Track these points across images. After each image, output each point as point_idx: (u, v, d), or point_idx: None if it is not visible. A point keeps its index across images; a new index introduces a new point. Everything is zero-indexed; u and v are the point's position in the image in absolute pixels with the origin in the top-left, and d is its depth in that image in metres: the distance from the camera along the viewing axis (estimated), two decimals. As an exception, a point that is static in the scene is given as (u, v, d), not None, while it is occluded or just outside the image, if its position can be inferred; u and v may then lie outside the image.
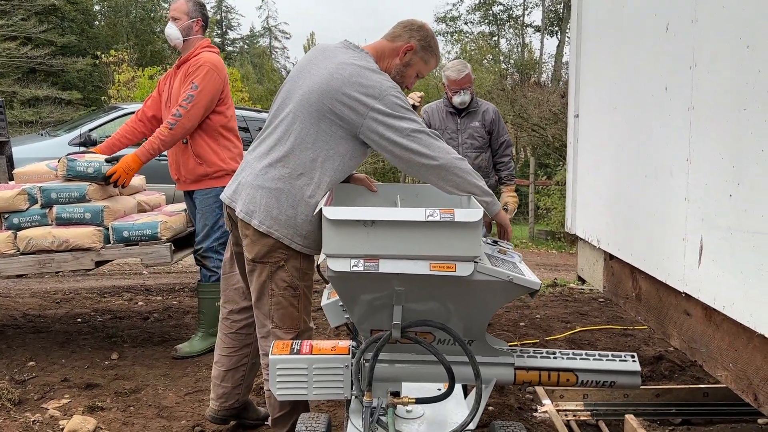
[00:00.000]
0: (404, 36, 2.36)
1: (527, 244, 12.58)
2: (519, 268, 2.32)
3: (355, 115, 2.18)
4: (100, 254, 3.55)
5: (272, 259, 2.30)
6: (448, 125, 4.58)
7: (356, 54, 2.28)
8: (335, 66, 2.21)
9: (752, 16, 1.81)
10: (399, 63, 2.36)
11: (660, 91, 2.41)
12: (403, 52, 2.35)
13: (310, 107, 2.21)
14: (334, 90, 2.17)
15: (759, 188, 1.78)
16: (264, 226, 2.25)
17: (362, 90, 2.16)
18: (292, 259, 2.31)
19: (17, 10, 21.60)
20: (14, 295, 5.40)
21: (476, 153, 4.56)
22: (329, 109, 2.18)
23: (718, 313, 2.04)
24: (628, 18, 2.77)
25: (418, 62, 2.39)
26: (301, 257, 2.33)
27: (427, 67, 2.43)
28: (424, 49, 2.38)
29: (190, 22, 3.78)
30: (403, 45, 2.35)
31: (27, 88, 21.65)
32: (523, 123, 13.96)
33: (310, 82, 2.23)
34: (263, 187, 2.26)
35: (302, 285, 2.37)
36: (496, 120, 4.63)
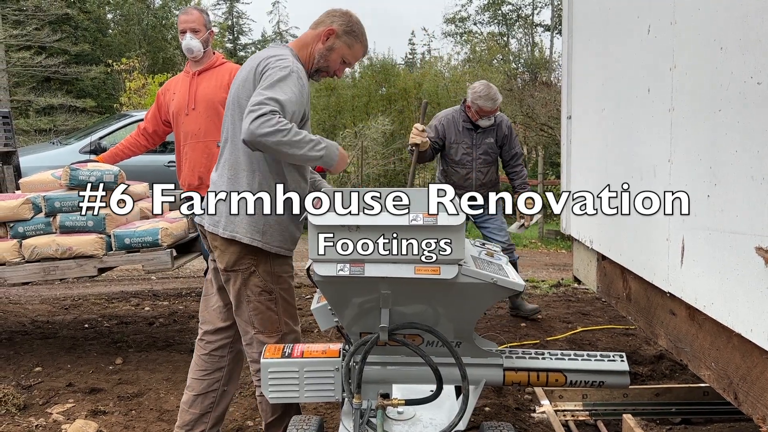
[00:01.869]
0: (326, 21, 2.40)
1: (536, 244, 12.55)
2: (504, 270, 2.35)
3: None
4: (102, 261, 3.62)
5: (242, 266, 2.34)
6: (464, 139, 4.63)
7: (273, 49, 2.35)
8: (251, 65, 2.32)
9: (725, 18, 1.83)
10: (322, 47, 2.38)
11: (643, 93, 2.43)
12: (325, 36, 2.38)
13: (234, 107, 2.34)
14: (246, 81, 2.30)
15: (734, 189, 1.80)
16: (228, 231, 2.31)
17: (262, 68, 2.25)
18: (263, 264, 2.36)
19: (31, 19, 21.87)
20: (24, 302, 5.50)
21: (488, 168, 4.68)
22: (245, 101, 2.26)
23: (700, 312, 2.05)
24: (613, 21, 2.79)
25: (342, 47, 2.40)
26: (271, 260, 2.37)
27: (351, 52, 2.43)
28: (346, 33, 2.40)
29: (207, 34, 3.88)
30: (324, 29, 2.38)
31: (42, 97, 21.89)
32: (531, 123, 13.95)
33: (234, 86, 2.38)
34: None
35: (277, 288, 2.41)
36: (509, 135, 4.72)
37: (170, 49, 27.05)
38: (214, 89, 3.77)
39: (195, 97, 3.80)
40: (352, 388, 2.34)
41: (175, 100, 3.87)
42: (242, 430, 3.00)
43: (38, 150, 8.59)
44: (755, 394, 1.77)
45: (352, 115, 19.98)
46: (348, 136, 17.25)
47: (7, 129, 4.74)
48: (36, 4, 21.79)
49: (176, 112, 3.85)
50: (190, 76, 3.85)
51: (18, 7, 21.89)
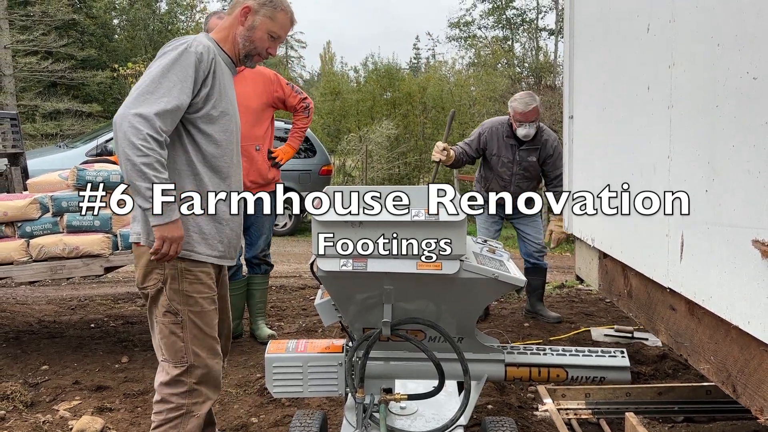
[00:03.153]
0: (238, 1, 2.26)
1: (542, 247, 12.53)
2: (506, 266, 2.37)
3: None
4: (108, 260, 3.67)
5: (150, 282, 2.18)
6: (505, 154, 4.58)
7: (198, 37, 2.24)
8: None
9: (721, 16, 1.86)
10: (242, 29, 2.25)
11: (643, 91, 2.45)
12: (242, 17, 2.24)
13: None
14: None
15: (731, 183, 1.82)
16: (133, 235, 2.24)
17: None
18: (171, 281, 2.16)
19: (38, 25, 22.03)
20: (31, 302, 5.55)
21: (527, 183, 4.67)
22: None
23: (699, 307, 2.07)
24: (614, 20, 2.82)
25: (264, 22, 2.25)
26: (182, 278, 2.17)
27: (276, 23, 2.27)
28: (263, 5, 2.24)
29: None
30: (239, 10, 2.24)
31: (48, 102, 22.04)
32: (535, 126, 13.96)
33: None
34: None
35: (186, 310, 2.18)
36: (553, 155, 4.62)
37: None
38: (251, 94, 3.86)
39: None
40: (355, 382, 2.37)
41: None
42: (246, 427, 3.03)
43: (45, 153, 8.68)
44: (753, 385, 1.79)
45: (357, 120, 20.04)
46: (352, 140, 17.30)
47: (15, 131, 4.80)
48: (43, 9, 21.95)
49: None
50: None
51: (25, 12, 22.05)
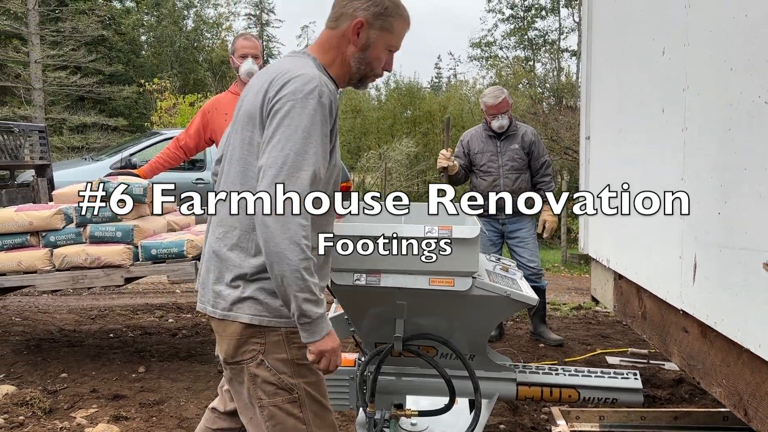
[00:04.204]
0: (347, 12, 1.76)
1: (560, 269, 12.47)
2: (518, 284, 2.39)
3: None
4: (129, 271, 3.74)
5: (246, 356, 1.66)
6: (488, 148, 4.72)
7: (289, 60, 1.77)
8: (263, 82, 1.71)
9: (734, 39, 1.88)
10: (356, 50, 1.77)
11: (658, 113, 2.47)
12: (354, 34, 1.75)
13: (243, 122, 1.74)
14: (254, 106, 1.70)
15: (743, 206, 1.83)
16: (219, 308, 1.67)
17: (273, 99, 1.63)
18: (272, 348, 1.66)
19: (68, 41, 22.59)
20: (52, 311, 5.65)
21: (516, 174, 4.69)
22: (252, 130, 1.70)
23: (711, 329, 2.07)
24: (630, 44, 2.84)
25: (381, 36, 1.78)
26: (284, 340, 1.67)
27: (394, 34, 1.81)
28: (379, 16, 1.76)
29: (263, 62, 4.02)
30: (349, 25, 1.75)
31: (75, 115, 22.52)
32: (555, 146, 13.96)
33: (247, 97, 1.76)
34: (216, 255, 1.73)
35: (300, 383, 1.68)
36: (536, 141, 4.76)
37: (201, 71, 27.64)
38: None
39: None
40: (366, 397, 2.39)
41: (227, 120, 3.96)
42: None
43: (71, 165, 8.86)
44: (764, 409, 1.78)
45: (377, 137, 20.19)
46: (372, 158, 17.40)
47: (43, 143, 4.92)
48: (73, 25, 22.52)
49: (199, 138, 3.95)
50: None
51: (56, 28, 22.64)
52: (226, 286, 1.68)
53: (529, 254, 4.74)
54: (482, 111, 4.87)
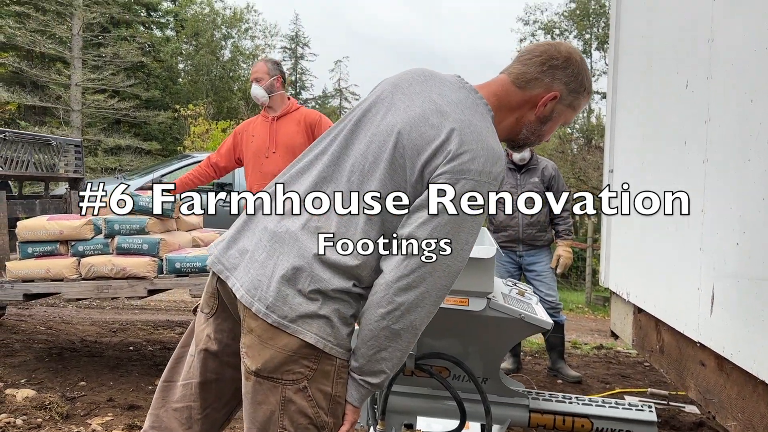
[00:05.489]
0: (543, 80, 1.56)
1: (583, 310, 12.29)
2: (534, 308, 2.39)
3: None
4: (153, 283, 3.80)
5: (289, 375, 1.41)
6: (508, 180, 4.69)
7: (463, 108, 1.48)
8: (422, 113, 1.47)
9: (754, 71, 1.91)
10: (534, 120, 1.59)
11: (680, 145, 2.48)
12: (543, 104, 1.57)
13: (382, 141, 1.48)
14: (410, 139, 1.46)
15: (761, 236, 1.83)
16: (276, 314, 1.40)
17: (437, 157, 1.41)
18: (320, 377, 1.43)
19: (108, 65, 23.33)
20: (75, 323, 5.75)
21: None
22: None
23: (728, 362, 2.05)
24: (656, 77, 2.88)
25: (564, 112, 1.61)
26: (337, 377, 1.45)
27: (575, 112, 1.65)
28: (573, 92, 1.58)
29: (272, 80, 4.12)
30: (541, 94, 1.56)
31: (111, 137, 23.12)
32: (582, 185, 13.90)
33: (398, 115, 1.49)
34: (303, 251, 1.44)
35: (331, 422, 1.46)
36: (556, 176, 4.72)
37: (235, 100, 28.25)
38: (293, 134, 4.03)
39: (276, 141, 4.04)
40: (377, 414, 2.39)
41: (254, 142, 4.08)
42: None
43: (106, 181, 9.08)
44: (779, 443, 1.75)
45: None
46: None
47: (78, 158, 5.08)
48: (114, 51, 23.27)
49: (255, 154, 4.06)
50: (269, 120, 4.08)
51: (98, 53, 23.42)
52: (299, 293, 1.40)
53: (546, 288, 4.71)
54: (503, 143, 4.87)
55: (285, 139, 4.03)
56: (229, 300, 1.54)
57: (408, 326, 1.41)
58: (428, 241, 1.39)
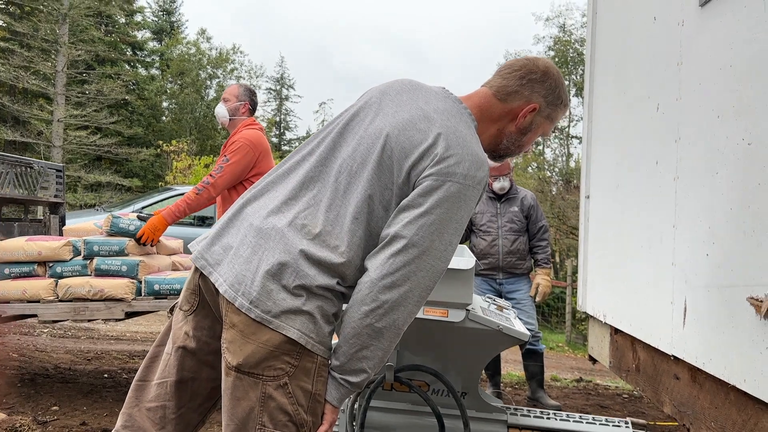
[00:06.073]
0: (523, 93, 1.63)
1: (563, 348, 12.29)
2: (512, 321, 2.42)
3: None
4: (131, 305, 3.77)
5: (270, 371, 1.41)
6: (488, 209, 4.79)
7: (449, 116, 1.54)
8: (411, 123, 1.51)
9: (721, 89, 2.00)
10: (515, 131, 1.65)
11: (652, 165, 2.57)
12: (523, 116, 1.63)
13: (372, 149, 1.52)
14: (399, 149, 1.51)
15: (729, 245, 1.90)
16: (260, 308, 1.40)
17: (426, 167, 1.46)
18: (301, 374, 1.43)
19: (92, 102, 23.38)
20: (50, 351, 5.64)
21: (515, 236, 4.75)
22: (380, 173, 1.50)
23: (701, 372, 2.08)
24: (628, 103, 2.98)
25: (543, 123, 1.67)
26: (317, 375, 1.45)
27: (552, 124, 1.72)
28: (551, 104, 1.66)
29: (238, 104, 4.14)
30: (522, 106, 1.63)
31: (91, 174, 23.00)
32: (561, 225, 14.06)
33: (389, 123, 1.54)
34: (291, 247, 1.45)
35: (310, 421, 1.45)
36: (535, 206, 4.82)
37: (218, 138, 28.35)
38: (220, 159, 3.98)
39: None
40: (356, 429, 2.38)
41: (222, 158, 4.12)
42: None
43: (83, 215, 9.01)
44: (751, 447, 1.78)
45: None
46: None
47: (59, 182, 5.06)
48: (99, 88, 23.36)
49: None
50: (223, 147, 4.08)
51: (82, 90, 23.49)
52: (284, 289, 1.41)
53: (526, 316, 4.74)
54: None
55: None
56: (210, 296, 1.54)
57: (390, 325, 1.43)
58: (414, 240, 1.42)
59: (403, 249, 1.42)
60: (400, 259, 1.42)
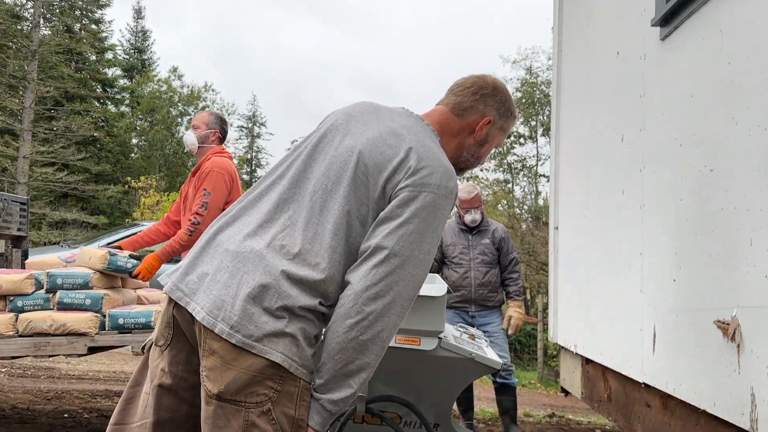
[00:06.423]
0: (477, 107, 1.72)
1: (536, 385, 12.26)
2: (484, 350, 2.41)
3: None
4: (93, 340, 3.66)
5: (252, 397, 1.38)
6: (460, 241, 4.80)
7: (417, 132, 1.61)
8: (383, 145, 1.55)
9: (682, 118, 2.06)
10: (473, 143, 1.74)
11: (619, 195, 2.61)
12: (480, 128, 1.72)
13: (339, 170, 1.55)
14: (371, 165, 1.54)
15: (695, 269, 1.93)
16: (241, 333, 1.37)
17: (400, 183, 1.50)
18: (284, 399, 1.40)
19: (59, 138, 23.11)
20: (7, 390, 5.42)
21: (487, 268, 4.75)
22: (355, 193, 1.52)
23: (671, 398, 2.09)
24: (594, 136, 3.05)
25: (497, 135, 1.77)
26: (300, 400, 1.42)
27: (505, 134, 1.82)
28: (503, 116, 1.76)
29: (208, 132, 4.09)
30: (477, 120, 1.72)
31: (57, 211, 22.59)
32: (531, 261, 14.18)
33: (358, 140, 1.57)
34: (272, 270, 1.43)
35: None
36: (506, 238, 4.84)
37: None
38: (193, 191, 3.87)
39: (186, 196, 3.94)
40: (326, 463, 2.32)
41: (184, 194, 4.04)
42: None
43: (48, 251, 8.81)
44: (722, 471, 1.78)
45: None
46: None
47: (23, 215, 4.95)
48: (66, 125, 23.12)
49: (180, 207, 4.00)
50: (191, 174, 4.01)
51: (49, 126, 23.22)
52: (265, 311, 1.39)
53: (498, 349, 4.72)
54: (456, 205, 5.02)
55: (190, 196, 3.89)
56: (186, 326, 1.49)
57: (375, 337, 1.41)
58: (395, 250, 1.43)
59: (385, 259, 1.43)
60: (382, 270, 1.42)
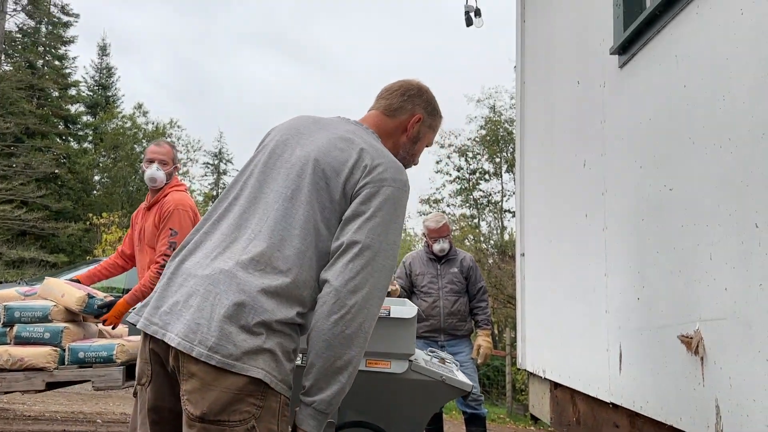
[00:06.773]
0: (406, 107, 1.85)
1: (504, 420, 12.19)
2: (454, 373, 2.41)
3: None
4: (52, 375, 3.53)
5: (235, 415, 1.37)
6: (429, 270, 4.80)
7: (364, 134, 1.72)
8: (341, 150, 1.63)
9: (642, 141, 2.13)
10: (407, 141, 1.86)
11: (582, 219, 2.67)
12: (412, 126, 1.83)
13: (310, 180, 1.58)
14: (332, 170, 1.60)
15: (658, 286, 1.97)
16: (220, 354, 1.36)
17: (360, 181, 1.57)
18: (268, 415, 1.40)
19: (18, 175, 22.62)
20: (-42, 434, 5.18)
21: (455, 297, 4.76)
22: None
23: (639, 416, 2.11)
24: (557, 162, 3.13)
25: (427, 132, 1.89)
26: (281, 415, 1.43)
27: (434, 133, 1.95)
28: (431, 114, 1.89)
29: (172, 168, 3.99)
30: (408, 118, 1.84)
31: (14, 249, 21.96)
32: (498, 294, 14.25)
33: (318, 149, 1.64)
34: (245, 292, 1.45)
35: None
36: (473, 267, 4.86)
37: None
38: (152, 227, 3.67)
39: (142, 230, 3.77)
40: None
41: (136, 225, 3.87)
42: None
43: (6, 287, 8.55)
44: (690, 487, 1.79)
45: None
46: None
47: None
48: (27, 161, 22.66)
49: (131, 244, 3.85)
50: (144, 208, 3.78)
51: (8, 163, 22.73)
52: (243, 329, 1.39)
53: (468, 378, 4.70)
54: (424, 235, 5.03)
55: (147, 233, 3.69)
56: (165, 357, 1.47)
57: (359, 329, 1.44)
58: (367, 243, 1.48)
59: (359, 253, 1.47)
60: (358, 263, 1.47)
